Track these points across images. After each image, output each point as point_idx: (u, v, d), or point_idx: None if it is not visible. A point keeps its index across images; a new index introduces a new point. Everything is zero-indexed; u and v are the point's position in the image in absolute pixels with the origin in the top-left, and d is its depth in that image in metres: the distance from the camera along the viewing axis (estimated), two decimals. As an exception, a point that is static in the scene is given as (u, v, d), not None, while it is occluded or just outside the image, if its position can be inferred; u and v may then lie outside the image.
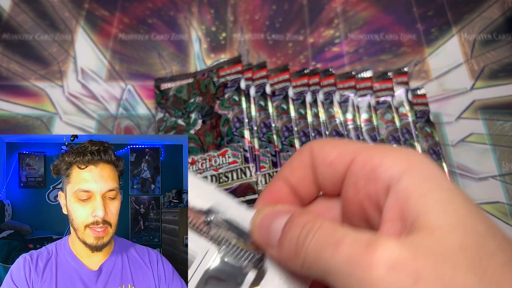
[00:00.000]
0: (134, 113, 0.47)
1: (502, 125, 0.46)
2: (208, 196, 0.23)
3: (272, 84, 0.45)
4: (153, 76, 0.49)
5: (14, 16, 0.53)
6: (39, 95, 0.48)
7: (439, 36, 0.52)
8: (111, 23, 0.53)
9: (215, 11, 0.54)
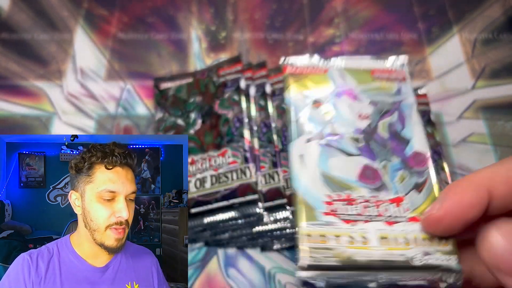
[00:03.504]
0: (133, 113, 0.47)
1: (503, 125, 0.46)
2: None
3: (272, 84, 0.45)
4: (153, 75, 0.49)
5: (12, 15, 0.53)
6: (38, 94, 0.48)
7: (440, 35, 0.52)
8: (110, 22, 0.53)
9: (214, 10, 0.54)
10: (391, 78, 0.26)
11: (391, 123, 0.25)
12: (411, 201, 0.22)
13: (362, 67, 0.27)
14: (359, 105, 0.25)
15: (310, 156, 0.23)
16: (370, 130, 0.24)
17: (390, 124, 0.25)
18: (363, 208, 0.22)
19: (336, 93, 0.26)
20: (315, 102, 0.25)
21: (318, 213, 0.22)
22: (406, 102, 0.25)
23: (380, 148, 0.24)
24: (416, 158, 0.24)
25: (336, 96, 0.26)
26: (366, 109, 0.25)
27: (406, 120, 0.25)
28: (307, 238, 0.21)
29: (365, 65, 0.27)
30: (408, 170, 0.23)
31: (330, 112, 0.25)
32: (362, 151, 0.24)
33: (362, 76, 0.26)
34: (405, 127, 0.25)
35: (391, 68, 0.27)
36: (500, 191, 0.19)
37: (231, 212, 0.38)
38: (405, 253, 0.21)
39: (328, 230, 0.21)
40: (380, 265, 0.20)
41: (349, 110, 0.25)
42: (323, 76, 0.26)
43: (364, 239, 0.21)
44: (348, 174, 0.23)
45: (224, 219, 0.38)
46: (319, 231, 0.21)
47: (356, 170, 0.23)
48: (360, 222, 0.22)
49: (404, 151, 0.24)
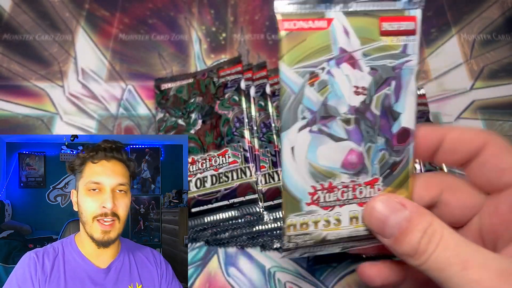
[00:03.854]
0: (134, 113, 0.47)
1: (501, 125, 0.46)
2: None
3: (272, 84, 0.45)
4: (153, 76, 0.49)
5: (14, 17, 0.53)
6: (39, 95, 0.48)
7: (438, 37, 0.52)
8: (111, 23, 0.53)
9: (215, 11, 0.55)
10: (400, 29, 0.23)
11: (386, 96, 0.24)
12: (384, 181, 0.24)
13: (370, 12, 0.23)
14: (357, 75, 0.23)
15: (300, 147, 0.24)
16: (363, 108, 0.24)
17: (384, 97, 0.24)
18: (341, 193, 0.24)
19: (336, 61, 0.23)
20: (311, 75, 0.23)
21: (303, 204, 0.24)
22: (408, 65, 0.24)
23: (369, 129, 0.24)
24: (401, 135, 0.24)
25: (336, 65, 0.23)
26: (363, 80, 0.24)
27: (402, 91, 0.24)
28: (291, 227, 0.24)
29: (374, 8, 0.23)
30: (390, 150, 0.24)
31: (325, 88, 0.23)
32: (350, 135, 0.24)
33: (368, 31, 0.23)
34: (399, 99, 0.24)
35: (403, 10, 0.23)
36: (452, 135, 0.24)
37: (232, 211, 0.38)
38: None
39: (309, 218, 0.24)
40: (346, 240, 0.25)
41: (346, 83, 0.23)
42: (324, 34, 0.23)
43: (337, 221, 0.24)
44: (333, 161, 0.24)
45: (225, 218, 0.38)
46: (301, 221, 0.24)
47: (342, 155, 0.24)
48: (337, 206, 0.24)
49: (391, 129, 0.24)
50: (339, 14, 0.23)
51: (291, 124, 0.24)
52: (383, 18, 0.23)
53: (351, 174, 0.24)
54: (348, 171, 0.24)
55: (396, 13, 0.23)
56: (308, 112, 0.23)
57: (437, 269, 0.20)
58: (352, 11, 0.23)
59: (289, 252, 0.25)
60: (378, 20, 0.23)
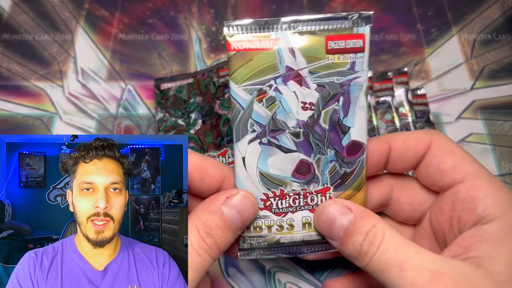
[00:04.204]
0: (134, 113, 0.47)
1: (502, 125, 0.46)
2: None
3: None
4: (153, 76, 0.49)
5: (14, 16, 0.53)
6: (39, 95, 0.48)
7: (439, 36, 0.52)
8: (111, 23, 0.53)
9: (215, 11, 0.55)
10: (347, 47, 0.23)
11: (334, 111, 0.24)
12: (336, 191, 0.25)
13: (317, 31, 0.23)
14: (304, 92, 0.24)
15: (251, 158, 0.25)
16: (311, 122, 0.24)
17: (333, 112, 0.24)
18: (293, 200, 0.25)
19: (282, 79, 0.24)
20: (259, 92, 0.24)
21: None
22: (357, 82, 0.24)
23: (318, 141, 0.24)
24: (351, 148, 0.25)
25: (283, 82, 0.24)
26: (311, 97, 0.24)
27: (351, 106, 0.24)
28: (246, 230, 0.26)
29: (320, 27, 0.23)
30: (340, 161, 0.25)
31: (274, 104, 0.24)
32: (299, 147, 0.25)
33: (314, 50, 0.23)
34: (348, 114, 0.24)
35: (351, 27, 0.23)
36: (397, 145, 0.25)
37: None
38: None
39: (262, 223, 0.26)
40: (300, 244, 0.26)
41: (294, 99, 0.24)
42: (270, 53, 0.23)
43: (290, 226, 0.26)
44: (284, 171, 0.25)
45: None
46: (255, 224, 0.26)
47: (292, 166, 0.25)
48: (289, 213, 0.26)
49: (341, 142, 0.24)
50: (285, 34, 0.23)
51: (241, 136, 0.25)
52: (329, 37, 0.23)
53: (301, 183, 0.25)
54: (298, 180, 0.25)
55: (343, 32, 0.23)
56: (257, 126, 0.24)
57: (378, 271, 0.21)
58: (299, 31, 0.23)
59: (246, 253, 0.26)
60: (325, 38, 0.23)
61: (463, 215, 0.23)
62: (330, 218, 0.24)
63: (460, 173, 0.24)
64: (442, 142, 0.25)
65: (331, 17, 0.23)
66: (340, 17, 0.23)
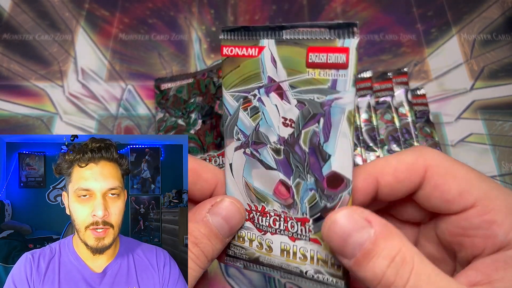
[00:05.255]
0: (134, 113, 0.47)
1: (501, 125, 0.46)
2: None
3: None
4: (153, 76, 0.49)
5: (14, 16, 0.53)
6: (39, 95, 0.48)
7: (439, 36, 0.52)
8: (111, 23, 0.53)
9: (215, 11, 0.55)
10: (328, 62, 0.20)
11: (314, 133, 0.21)
12: (315, 225, 0.22)
13: (299, 41, 0.21)
14: (285, 107, 0.22)
15: (237, 165, 0.24)
16: (292, 141, 0.22)
17: (313, 134, 0.21)
18: (273, 221, 0.24)
19: (265, 89, 0.22)
20: (245, 100, 0.23)
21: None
22: (338, 103, 0.20)
23: (298, 163, 0.22)
24: (332, 180, 0.22)
25: (265, 93, 0.22)
26: (291, 113, 0.22)
27: (332, 130, 0.21)
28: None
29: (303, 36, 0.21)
30: (320, 192, 0.22)
31: (257, 114, 0.23)
32: (279, 166, 0.23)
33: (295, 61, 0.21)
34: (328, 139, 0.21)
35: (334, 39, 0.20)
36: (386, 180, 0.22)
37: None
38: (300, 267, 0.23)
39: (245, 234, 0.24)
40: (278, 269, 0.24)
41: (275, 112, 0.22)
42: (255, 61, 0.22)
43: (269, 248, 0.24)
44: (266, 187, 0.23)
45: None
46: (239, 234, 0.25)
47: (272, 184, 0.23)
48: (269, 233, 0.24)
49: (321, 170, 0.22)
50: (271, 43, 0.21)
51: (228, 143, 0.24)
52: (311, 48, 0.20)
53: (282, 205, 0.23)
54: (279, 201, 0.23)
55: (326, 43, 0.20)
56: (241, 134, 0.23)
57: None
58: (284, 39, 0.21)
59: (231, 259, 0.25)
60: (306, 50, 0.20)
61: (478, 242, 0.20)
62: (344, 232, 0.19)
63: (468, 199, 0.21)
64: (439, 166, 0.21)
65: (314, 24, 0.20)
66: (323, 25, 0.20)
